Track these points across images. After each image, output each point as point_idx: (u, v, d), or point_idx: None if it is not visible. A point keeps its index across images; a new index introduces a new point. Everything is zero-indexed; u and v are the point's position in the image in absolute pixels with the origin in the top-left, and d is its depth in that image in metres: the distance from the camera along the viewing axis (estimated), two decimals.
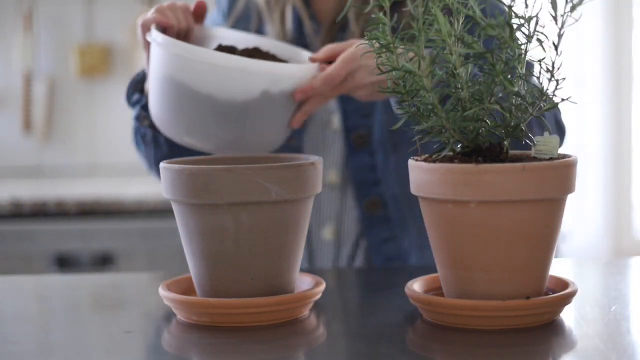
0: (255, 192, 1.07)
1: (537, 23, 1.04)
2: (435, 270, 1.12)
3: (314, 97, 1.28)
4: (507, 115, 1.07)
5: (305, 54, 1.35)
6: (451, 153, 1.09)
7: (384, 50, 1.06)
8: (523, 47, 1.05)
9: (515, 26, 1.04)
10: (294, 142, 1.50)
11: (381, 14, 1.07)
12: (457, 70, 1.05)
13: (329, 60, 1.29)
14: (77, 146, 3.31)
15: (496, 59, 1.05)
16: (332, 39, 1.51)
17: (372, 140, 1.52)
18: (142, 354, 1.02)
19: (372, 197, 1.52)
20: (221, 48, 1.30)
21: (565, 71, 1.06)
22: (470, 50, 1.05)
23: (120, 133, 3.08)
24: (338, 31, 1.52)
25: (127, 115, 1.50)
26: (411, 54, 1.05)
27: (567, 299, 1.07)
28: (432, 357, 1.03)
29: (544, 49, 1.05)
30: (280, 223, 1.10)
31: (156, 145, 1.45)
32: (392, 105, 1.31)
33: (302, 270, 1.17)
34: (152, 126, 1.40)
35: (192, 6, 1.36)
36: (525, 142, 1.08)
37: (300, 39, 1.53)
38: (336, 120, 1.54)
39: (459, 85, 1.06)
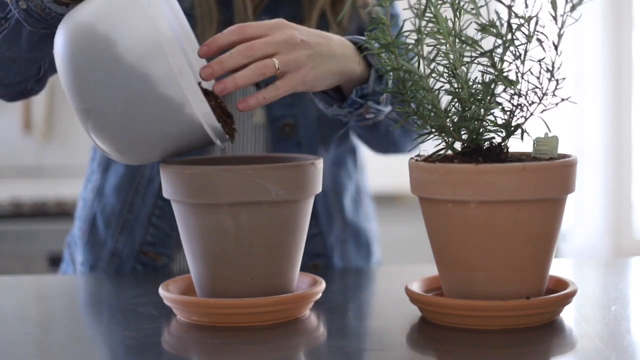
0: (255, 192, 1.07)
1: (537, 23, 1.04)
2: (434, 269, 1.12)
3: (223, 63, 1.09)
4: (507, 115, 1.07)
5: None
6: (451, 153, 1.09)
7: (383, 50, 1.07)
8: (523, 47, 1.05)
9: (515, 26, 1.05)
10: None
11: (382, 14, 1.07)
12: (457, 70, 1.05)
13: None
14: (77, 146, 3.31)
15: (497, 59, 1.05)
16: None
17: (299, 131, 1.46)
18: (142, 354, 1.02)
19: None
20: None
21: (565, 71, 1.06)
22: (472, 50, 1.05)
23: None
24: (262, 14, 1.44)
25: None
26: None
27: (567, 299, 1.07)
28: (432, 357, 1.03)
29: (544, 49, 1.05)
30: (280, 223, 1.10)
31: (15, 37, 1.23)
32: (321, 106, 1.23)
33: None
34: (28, 12, 1.14)
35: None
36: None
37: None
38: (259, 111, 1.47)
39: (459, 85, 1.06)
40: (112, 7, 1.05)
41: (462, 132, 1.08)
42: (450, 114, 1.07)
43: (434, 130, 1.08)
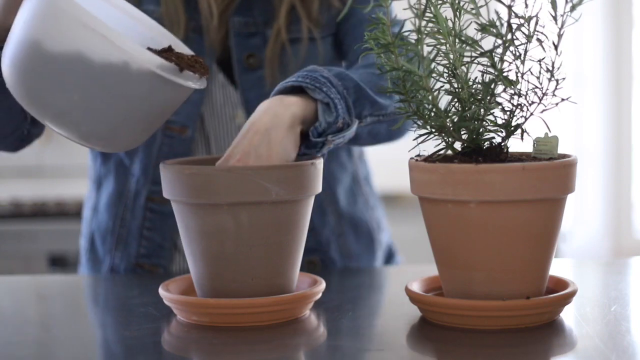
0: (255, 192, 1.07)
1: (537, 23, 1.04)
2: (434, 269, 1.12)
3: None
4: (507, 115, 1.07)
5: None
6: (451, 153, 1.09)
7: (383, 50, 1.07)
8: (523, 47, 1.05)
9: (515, 26, 1.05)
10: (188, 133, 1.43)
11: (381, 14, 1.07)
12: (457, 70, 1.05)
13: None
14: (77, 146, 3.29)
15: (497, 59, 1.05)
16: (227, 25, 1.44)
17: None
18: (142, 354, 1.02)
19: None
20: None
21: (565, 71, 1.06)
22: (472, 50, 1.05)
23: None
24: (234, 15, 1.44)
25: None
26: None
27: (567, 299, 1.07)
28: (432, 357, 1.03)
29: (544, 49, 1.05)
30: (280, 223, 1.10)
31: None
32: None
33: None
34: None
35: None
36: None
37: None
38: (241, 114, 1.46)
39: (459, 85, 1.06)
40: (30, 15, 1.05)
41: (462, 132, 1.08)
42: (450, 114, 1.07)
43: (434, 130, 1.08)
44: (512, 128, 1.08)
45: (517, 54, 1.06)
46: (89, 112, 1.05)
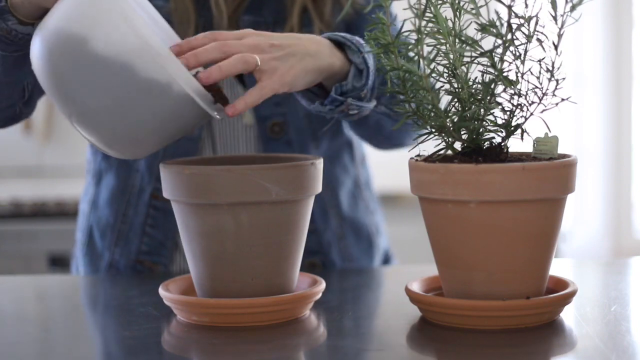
0: (255, 192, 1.07)
1: (537, 23, 1.04)
2: (434, 269, 1.12)
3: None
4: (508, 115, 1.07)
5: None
6: (451, 153, 1.09)
7: (383, 50, 1.07)
8: (523, 47, 1.05)
9: (515, 26, 1.05)
10: (195, 132, 1.42)
11: (381, 14, 1.07)
12: (457, 70, 1.05)
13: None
14: (77, 146, 3.30)
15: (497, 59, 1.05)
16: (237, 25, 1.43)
17: (289, 129, 1.45)
18: (142, 354, 1.02)
19: None
20: None
21: (565, 71, 1.06)
22: (472, 50, 1.05)
23: None
24: (245, 14, 1.44)
25: None
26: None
27: (567, 299, 1.07)
28: (432, 357, 1.03)
29: (544, 49, 1.05)
30: (280, 223, 1.10)
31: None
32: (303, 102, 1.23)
33: None
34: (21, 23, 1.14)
35: None
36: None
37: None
38: (248, 113, 1.46)
39: (459, 85, 1.06)
40: (80, 8, 1.04)
41: (462, 132, 1.08)
42: (450, 114, 1.07)
43: (434, 130, 1.08)
44: (512, 128, 1.08)
45: (517, 54, 1.06)
46: (117, 119, 1.05)
